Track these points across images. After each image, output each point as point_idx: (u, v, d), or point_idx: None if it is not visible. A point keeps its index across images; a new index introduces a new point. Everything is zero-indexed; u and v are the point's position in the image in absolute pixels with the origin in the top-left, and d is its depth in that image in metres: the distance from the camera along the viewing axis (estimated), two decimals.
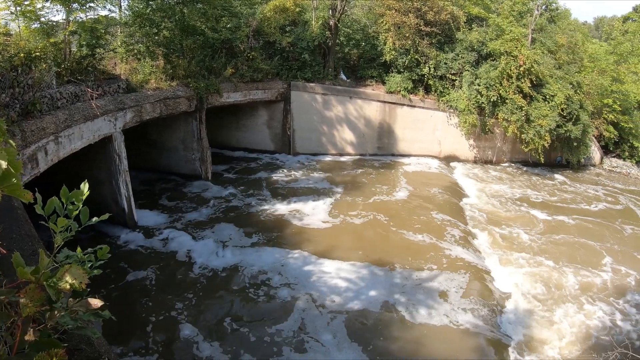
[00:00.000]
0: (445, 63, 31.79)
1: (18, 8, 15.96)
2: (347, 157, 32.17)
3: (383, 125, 32.40)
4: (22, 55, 12.73)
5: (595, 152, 36.19)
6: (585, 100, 32.93)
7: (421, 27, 30.50)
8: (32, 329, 2.41)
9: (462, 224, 22.34)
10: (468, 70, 31.44)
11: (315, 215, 22.00)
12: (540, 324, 15.33)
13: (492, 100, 30.20)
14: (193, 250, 18.14)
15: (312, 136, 31.85)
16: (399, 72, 31.96)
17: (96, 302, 2.72)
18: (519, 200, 26.40)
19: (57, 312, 2.55)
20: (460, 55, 31.80)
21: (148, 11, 22.82)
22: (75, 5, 17.59)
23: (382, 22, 31.54)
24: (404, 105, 31.82)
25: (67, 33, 17.50)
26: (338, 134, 32.21)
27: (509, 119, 29.99)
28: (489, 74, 30.36)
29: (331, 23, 30.84)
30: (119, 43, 22.48)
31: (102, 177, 18.63)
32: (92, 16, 19.17)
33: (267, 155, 31.59)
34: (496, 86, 30.00)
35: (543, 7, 36.32)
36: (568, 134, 30.89)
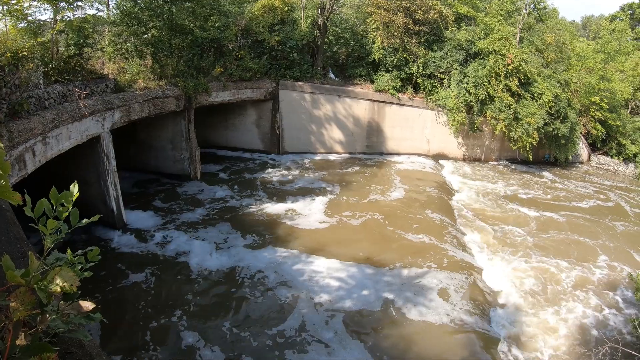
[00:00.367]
0: (434, 62, 31.92)
1: (5, 7, 15.77)
2: (335, 156, 32.18)
3: (372, 124, 32.44)
4: (9, 55, 12.59)
5: (583, 149, 36.53)
6: (573, 98, 33.21)
7: (410, 26, 30.59)
8: (23, 333, 2.38)
9: (454, 222, 22.48)
10: (456, 68, 31.60)
11: (310, 215, 21.95)
12: (531, 320, 15.44)
13: (480, 98, 30.38)
14: (188, 252, 17.98)
15: (301, 135, 31.83)
16: (388, 71, 32.05)
17: (87, 305, 2.69)
18: (509, 198, 26.57)
19: (48, 316, 2.52)
20: (448, 54, 31.95)
21: (136, 10, 22.71)
22: (62, 4, 17.41)
23: (371, 21, 31.64)
24: (392, 103, 31.90)
25: (55, 32, 17.36)
26: (327, 132, 32.21)
27: (497, 117, 30.19)
28: (478, 72, 30.52)
29: (320, 22, 30.84)
30: (106, 42, 22.34)
31: (90, 178, 18.47)
32: (79, 15, 19.00)
33: (256, 154, 31.50)
34: (484, 84, 30.17)
35: (531, 6, 36.60)
36: (556, 131, 31.14)
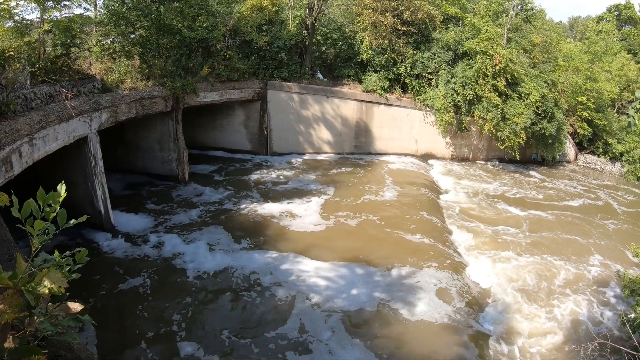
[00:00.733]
0: (422, 62, 32.04)
1: None
2: (324, 156, 32.17)
3: (360, 124, 32.49)
4: None
5: (570, 148, 36.85)
6: (560, 98, 33.54)
7: (398, 27, 30.68)
8: (11, 336, 2.36)
9: (446, 222, 22.62)
10: (444, 69, 31.74)
11: (306, 216, 21.82)
12: (521, 317, 15.57)
13: (468, 98, 30.55)
14: (181, 254, 17.74)
15: (289, 135, 31.79)
16: (376, 71, 32.12)
17: (76, 306, 2.68)
18: (498, 197, 26.78)
19: (36, 318, 2.50)
20: (436, 55, 32.08)
21: (124, 10, 22.53)
22: (49, 4, 17.25)
23: (359, 22, 31.68)
24: (380, 104, 31.99)
25: (42, 32, 17.19)
26: (315, 133, 32.21)
27: (485, 117, 30.36)
28: (465, 72, 30.68)
29: (308, 22, 30.81)
30: (94, 42, 22.15)
31: (77, 179, 18.27)
32: (66, 15, 18.85)
33: (244, 155, 31.35)
34: (472, 85, 30.34)
35: (518, 7, 36.82)
36: (543, 131, 31.40)
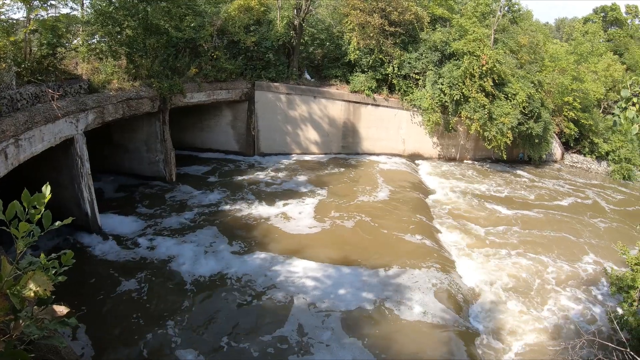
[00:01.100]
0: (409, 63, 32.15)
1: None
2: (311, 157, 32.20)
3: (347, 125, 32.54)
4: None
5: (556, 148, 37.18)
6: (546, 98, 33.84)
7: (385, 27, 30.76)
8: None
9: (435, 222, 22.73)
10: (432, 69, 31.89)
11: (300, 219, 21.74)
12: (509, 315, 15.72)
13: (455, 99, 30.73)
14: (175, 256, 17.59)
15: (277, 136, 31.76)
16: (363, 72, 32.20)
17: (62, 309, 2.66)
18: (486, 196, 26.99)
19: (22, 322, 2.48)
20: (424, 55, 32.22)
21: (111, 9, 22.34)
22: (36, 3, 17.06)
23: (347, 22, 31.71)
24: (368, 104, 32.07)
25: (28, 31, 17.02)
26: (302, 133, 32.21)
27: (472, 117, 30.55)
28: (452, 73, 30.84)
29: (296, 23, 30.80)
30: (80, 42, 21.98)
31: (63, 181, 18.10)
32: (53, 14, 18.69)
33: (232, 155, 31.25)
34: (459, 85, 30.51)
35: (505, 8, 37.03)
36: (530, 131, 31.65)
